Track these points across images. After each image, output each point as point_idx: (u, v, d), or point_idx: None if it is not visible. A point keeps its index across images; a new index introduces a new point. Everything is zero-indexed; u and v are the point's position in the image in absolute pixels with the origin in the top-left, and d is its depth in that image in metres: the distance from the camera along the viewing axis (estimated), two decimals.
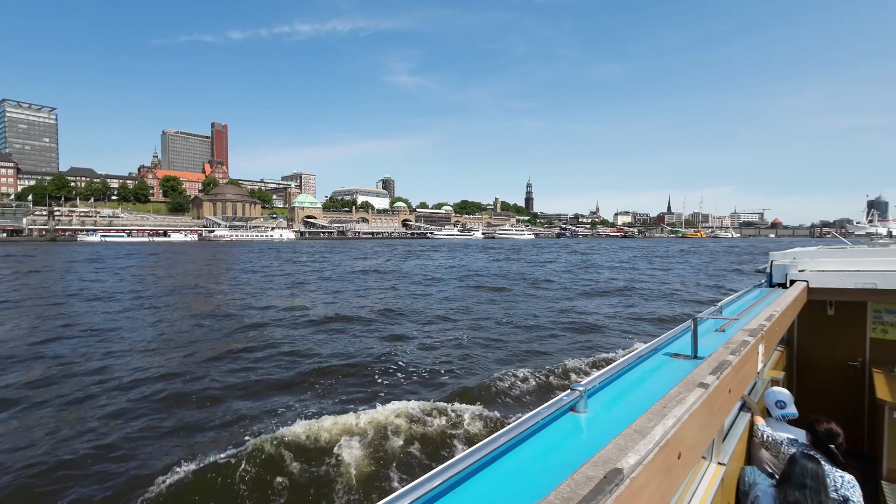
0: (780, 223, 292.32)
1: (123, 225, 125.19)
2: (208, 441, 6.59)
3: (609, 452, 1.12)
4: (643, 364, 2.09)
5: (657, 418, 1.34)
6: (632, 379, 1.89)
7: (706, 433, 1.65)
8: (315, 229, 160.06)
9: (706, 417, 1.60)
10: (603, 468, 1.03)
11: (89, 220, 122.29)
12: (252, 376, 9.35)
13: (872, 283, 4.51)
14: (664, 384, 1.71)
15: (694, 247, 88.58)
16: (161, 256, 53.39)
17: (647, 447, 1.14)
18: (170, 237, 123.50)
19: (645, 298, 20.93)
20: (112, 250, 67.66)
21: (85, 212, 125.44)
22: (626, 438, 1.20)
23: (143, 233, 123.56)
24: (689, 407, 1.44)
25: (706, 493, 2.30)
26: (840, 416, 3.31)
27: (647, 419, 1.34)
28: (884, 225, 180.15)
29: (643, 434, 1.22)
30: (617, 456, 1.09)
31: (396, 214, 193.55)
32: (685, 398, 1.51)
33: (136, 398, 8.16)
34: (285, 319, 15.46)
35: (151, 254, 58.82)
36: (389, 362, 10.28)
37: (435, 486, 0.96)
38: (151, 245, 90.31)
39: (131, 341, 12.33)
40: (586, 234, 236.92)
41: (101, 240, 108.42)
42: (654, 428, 1.26)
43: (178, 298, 20.53)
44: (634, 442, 1.17)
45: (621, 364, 1.95)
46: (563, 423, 1.42)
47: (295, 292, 22.80)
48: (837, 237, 8.71)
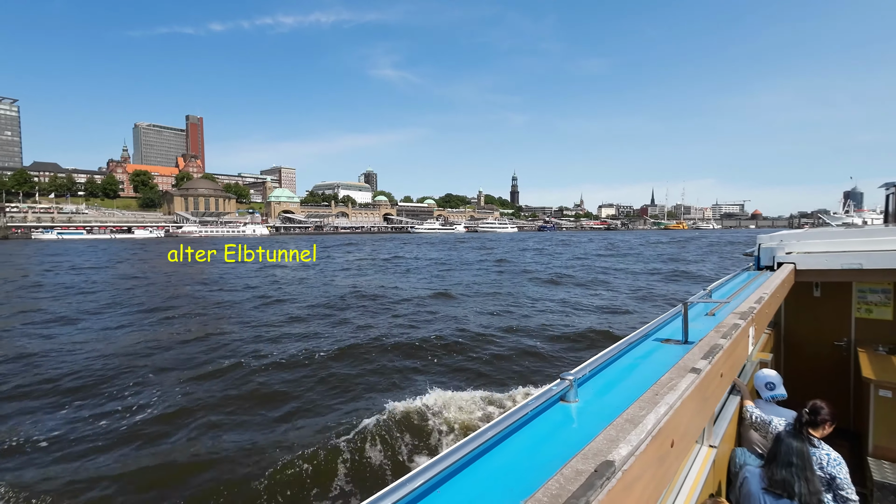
0: (760, 214, 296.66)
1: (85, 221, 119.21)
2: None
3: (600, 444, 1.08)
4: (634, 350, 2.05)
5: (649, 406, 1.30)
6: (623, 366, 1.85)
7: (699, 419, 1.60)
8: (291, 224, 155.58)
9: (699, 403, 1.56)
10: (593, 461, 0.99)
11: (47, 216, 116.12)
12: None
13: (858, 263, 4.52)
14: (655, 370, 1.67)
15: (662, 240, 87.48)
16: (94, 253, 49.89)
17: (639, 437, 1.10)
18: (134, 234, 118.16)
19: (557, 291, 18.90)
20: (55, 248, 63.59)
21: (46, 208, 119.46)
22: (618, 428, 1.16)
23: (105, 230, 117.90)
24: (681, 393, 1.40)
25: (698, 475, 2.32)
26: (826, 395, 3.27)
27: (638, 407, 1.30)
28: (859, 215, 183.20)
29: (635, 423, 1.18)
30: (608, 447, 1.06)
31: (377, 209, 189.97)
32: (677, 384, 1.47)
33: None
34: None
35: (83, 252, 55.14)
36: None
37: (419, 485, 0.91)
38: (110, 242, 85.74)
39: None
40: (570, 227, 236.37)
41: (58, 238, 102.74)
42: (646, 416, 1.22)
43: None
44: (626, 432, 1.13)
45: (612, 351, 1.90)
46: (553, 414, 1.38)
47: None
48: (825, 221, 9.19)
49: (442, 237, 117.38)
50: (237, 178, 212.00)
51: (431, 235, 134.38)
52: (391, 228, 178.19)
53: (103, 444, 6.36)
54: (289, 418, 7.23)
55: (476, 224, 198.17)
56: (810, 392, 3.23)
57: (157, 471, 5.67)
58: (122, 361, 10.03)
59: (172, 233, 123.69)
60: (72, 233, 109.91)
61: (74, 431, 6.74)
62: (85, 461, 5.95)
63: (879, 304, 5.22)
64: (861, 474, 3.93)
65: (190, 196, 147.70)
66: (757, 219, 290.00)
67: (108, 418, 7.14)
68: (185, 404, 7.62)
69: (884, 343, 4.98)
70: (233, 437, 6.52)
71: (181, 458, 5.95)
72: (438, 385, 8.16)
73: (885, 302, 5.22)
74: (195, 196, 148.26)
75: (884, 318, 5.23)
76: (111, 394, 8.19)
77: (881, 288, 5.21)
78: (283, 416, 7.27)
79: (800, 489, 2.61)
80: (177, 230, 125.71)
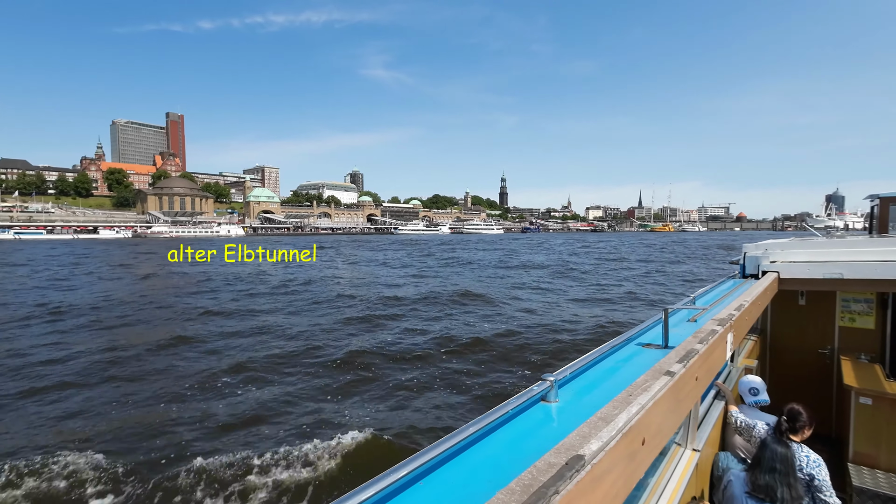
0: (744, 217, 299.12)
1: (49, 221, 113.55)
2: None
3: (573, 440, 1.12)
4: (615, 354, 2.12)
5: (622, 406, 1.33)
6: (603, 369, 1.91)
7: (672, 419, 1.65)
8: (269, 225, 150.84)
9: (673, 404, 1.60)
10: (565, 455, 1.03)
11: (6, 215, 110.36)
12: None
13: (839, 273, 4.58)
14: (634, 373, 1.72)
15: (640, 245, 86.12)
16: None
17: (609, 434, 1.14)
18: (99, 234, 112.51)
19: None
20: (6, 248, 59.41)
21: (9, 206, 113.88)
22: (591, 426, 1.20)
23: (69, 229, 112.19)
24: (654, 394, 1.44)
25: (681, 478, 2.35)
26: (809, 402, 3.31)
27: (612, 407, 1.33)
28: (841, 218, 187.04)
29: (607, 421, 1.22)
30: (580, 443, 1.10)
31: (361, 209, 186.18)
32: (650, 386, 1.51)
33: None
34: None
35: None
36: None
37: (402, 476, 0.95)
38: (70, 243, 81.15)
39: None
40: (557, 229, 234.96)
41: (14, 238, 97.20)
42: (618, 415, 1.26)
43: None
44: (598, 429, 1.17)
45: (593, 354, 1.97)
46: (533, 413, 1.43)
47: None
48: (810, 229, 8.83)
49: (426, 238, 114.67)
50: (218, 177, 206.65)
51: (415, 237, 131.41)
52: (374, 229, 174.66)
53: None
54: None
55: (462, 225, 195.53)
56: (794, 398, 3.26)
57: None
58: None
59: (140, 233, 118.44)
60: (31, 233, 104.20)
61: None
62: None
63: (862, 314, 5.32)
64: (842, 480, 4.00)
65: (164, 195, 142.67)
66: (741, 221, 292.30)
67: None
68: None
69: (866, 352, 5.08)
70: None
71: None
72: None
73: (867, 311, 5.31)
74: (170, 195, 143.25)
75: (866, 327, 5.31)
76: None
77: (864, 298, 5.30)
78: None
79: (782, 494, 2.67)
80: (145, 230, 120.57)
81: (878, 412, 4.09)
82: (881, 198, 8.68)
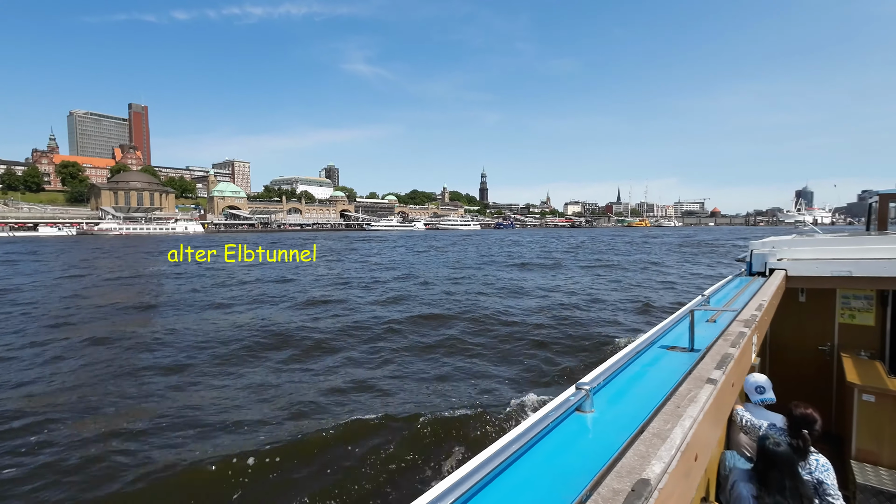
0: (718, 212, 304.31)
1: None
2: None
3: (632, 461, 1.04)
4: (641, 358, 2.07)
5: (673, 419, 1.26)
6: (633, 374, 1.86)
7: (716, 430, 1.59)
8: (232, 221, 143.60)
9: (717, 414, 1.54)
10: (629, 479, 0.96)
11: None
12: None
13: (847, 270, 4.57)
14: (666, 378, 1.69)
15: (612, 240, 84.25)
16: None
17: (669, 453, 1.07)
18: (38, 232, 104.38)
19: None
20: None
21: None
22: (647, 444, 1.12)
23: (4, 227, 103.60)
24: (702, 405, 1.37)
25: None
26: (810, 399, 3.31)
27: (663, 421, 1.26)
28: (810, 213, 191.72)
29: (663, 438, 1.15)
30: (640, 464, 1.02)
31: (334, 205, 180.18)
32: (697, 396, 1.44)
33: None
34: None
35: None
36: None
37: (452, 501, 0.89)
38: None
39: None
40: (535, 224, 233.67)
41: None
42: (672, 430, 1.19)
43: None
44: (655, 447, 1.10)
45: (621, 359, 1.90)
46: (570, 425, 1.36)
47: None
48: (810, 226, 9.00)
49: (399, 234, 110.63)
50: (185, 171, 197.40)
51: (388, 233, 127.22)
52: (347, 226, 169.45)
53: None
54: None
55: (438, 221, 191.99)
56: (794, 396, 3.26)
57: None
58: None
59: (87, 230, 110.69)
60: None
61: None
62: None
63: (862, 311, 5.33)
64: (844, 477, 3.96)
65: (120, 190, 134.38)
66: (716, 216, 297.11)
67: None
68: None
69: (866, 349, 5.09)
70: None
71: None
72: None
73: (867, 308, 5.32)
74: (126, 190, 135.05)
75: (866, 323, 5.32)
76: None
77: (864, 294, 5.30)
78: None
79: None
80: (92, 227, 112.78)
81: (880, 409, 4.08)
82: (881, 195, 8.48)
